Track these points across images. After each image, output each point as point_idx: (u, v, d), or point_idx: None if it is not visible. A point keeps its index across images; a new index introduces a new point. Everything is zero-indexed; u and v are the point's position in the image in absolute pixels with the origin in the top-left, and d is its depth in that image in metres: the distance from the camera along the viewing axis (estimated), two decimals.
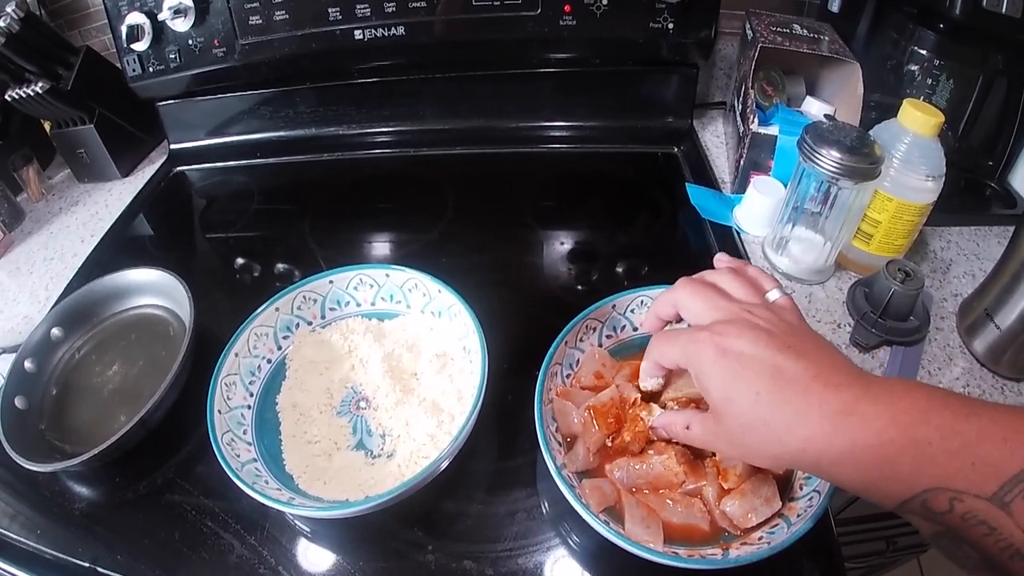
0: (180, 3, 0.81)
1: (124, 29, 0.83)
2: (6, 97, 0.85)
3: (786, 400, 0.37)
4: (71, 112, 0.89)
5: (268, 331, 0.65)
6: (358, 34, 0.81)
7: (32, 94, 0.83)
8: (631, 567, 0.48)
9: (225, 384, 0.60)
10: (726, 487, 0.50)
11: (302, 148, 0.95)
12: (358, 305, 0.68)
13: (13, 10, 0.82)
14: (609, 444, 0.54)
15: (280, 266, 0.79)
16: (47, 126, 0.99)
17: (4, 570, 0.62)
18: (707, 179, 0.81)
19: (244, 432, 0.59)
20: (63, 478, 0.63)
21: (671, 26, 0.77)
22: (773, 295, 0.45)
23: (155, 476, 0.61)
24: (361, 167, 0.93)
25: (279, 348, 0.65)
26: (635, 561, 0.46)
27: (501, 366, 0.61)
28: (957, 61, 0.74)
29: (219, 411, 0.58)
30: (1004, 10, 0.64)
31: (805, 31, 0.78)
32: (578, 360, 0.60)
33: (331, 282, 0.67)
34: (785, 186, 0.74)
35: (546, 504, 0.55)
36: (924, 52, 0.75)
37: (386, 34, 0.81)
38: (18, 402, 0.66)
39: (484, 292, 0.63)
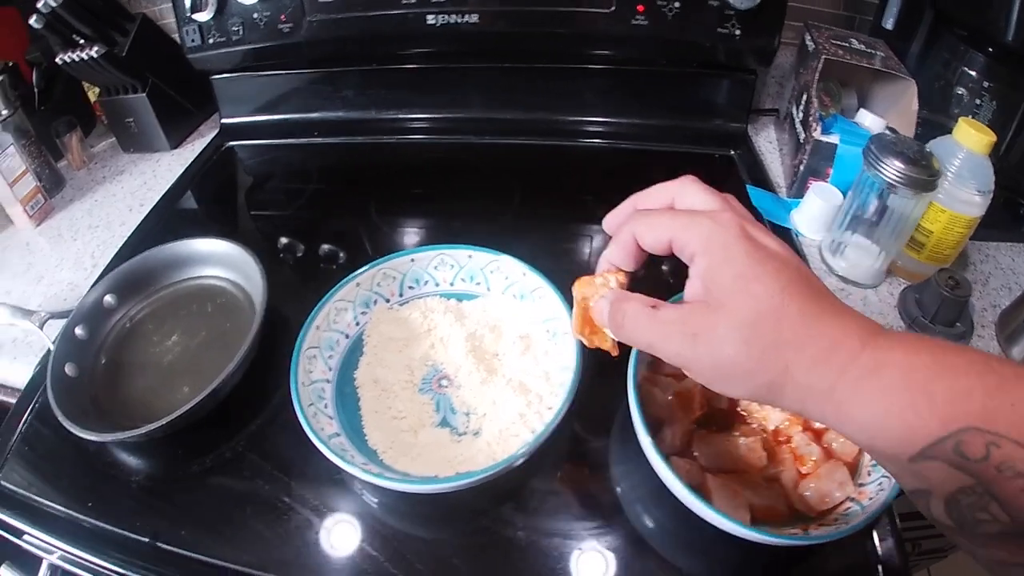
0: None
1: None
2: (58, 60, 0.77)
3: (815, 300, 0.30)
4: (124, 79, 0.82)
5: (347, 306, 0.60)
6: (431, 19, 0.76)
7: (87, 58, 0.76)
8: (713, 547, 0.47)
9: (307, 357, 0.55)
10: (803, 471, 0.49)
11: (359, 130, 0.89)
12: (437, 285, 0.63)
13: None
14: (693, 428, 0.51)
15: (326, 247, 0.74)
16: (91, 94, 0.92)
17: (54, 545, 0.55)
18: (763, 182, 0.79)
19: (325, 406, 0.54)
20: (115, 450, 0.57)
21: (738, 32, 0.75)
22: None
23: (222, 449, 0.56)
24: (421, 152, 0.88)
25: (356, 324, 0.60)
26: (718, 541, 0.44)
27: None
28: (1003, 84, 0.73)
29: (302, 383, 0.52)
30: None
31: (862, 46, 0.77)
32: None
33: (412, 260, 0.62)
34: (843, 193, 0.72)
35: (625, 486, 0.52)
36: (973, 73, 0.74)
37: (459, 21, 0.76)
38: (68, 369, 0.60)
39: (557, 279, 0.58)
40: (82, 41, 0.78)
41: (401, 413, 0.55)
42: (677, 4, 0.74)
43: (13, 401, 0.70)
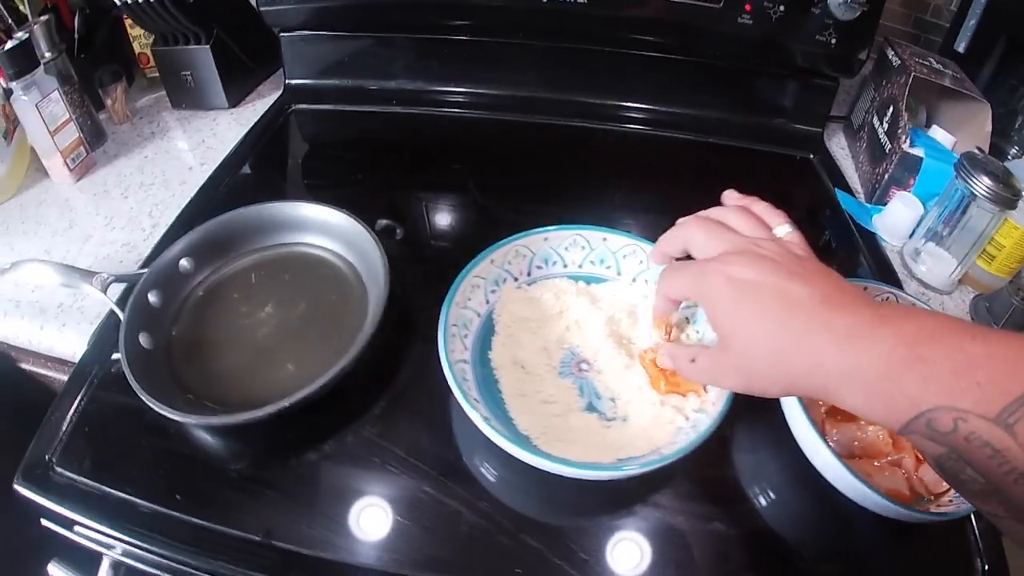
0: None
1: None
2: (118, 1, 0.68)
3: (793, 321, 0.36)
4: (188, 28, 0.74)
5: (480, 283, 0.55)
6: None
7: (153, 1, 0.68)
8: (853, 522, 0.48)
9: (452, 335, 0.50)
10: (922, 458, 0.50)
11: (436, 102, 0.84)
12: (565, 266, 0.59)
13: None
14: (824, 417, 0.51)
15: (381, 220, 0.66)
16: (136, 45, 0.82)
17: (138, 545, 0.47)
18: (844, 187, 0.80)
19: (469, 388, 0.49)
20: (206, 434, 0.50)
21: (833, 41, 0.75)
22: (782, 230, 0.43)
23: (343, 434, 0.50)
24: (520, 132, 0.84)
25: (487, 302, 0.56)
26: (857, 516, 0.46)
27: None
28: None
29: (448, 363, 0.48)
30: None
31: (939, 66, 0.79)
32: None
33: (546, 239, 0.58)
34: (924, 203, 0.74)
35: (774, 468, 0.51)
36: None
37: (571, 0, 0.73)
38: (143, 340, 0.53)
39: None
40: None
41: (552, 397, 0.50)
42: (782, 7, 0.73)
43: (61, 377, 0.62)
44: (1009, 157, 0.82)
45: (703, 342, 0.53)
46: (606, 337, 0.54)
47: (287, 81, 0.84)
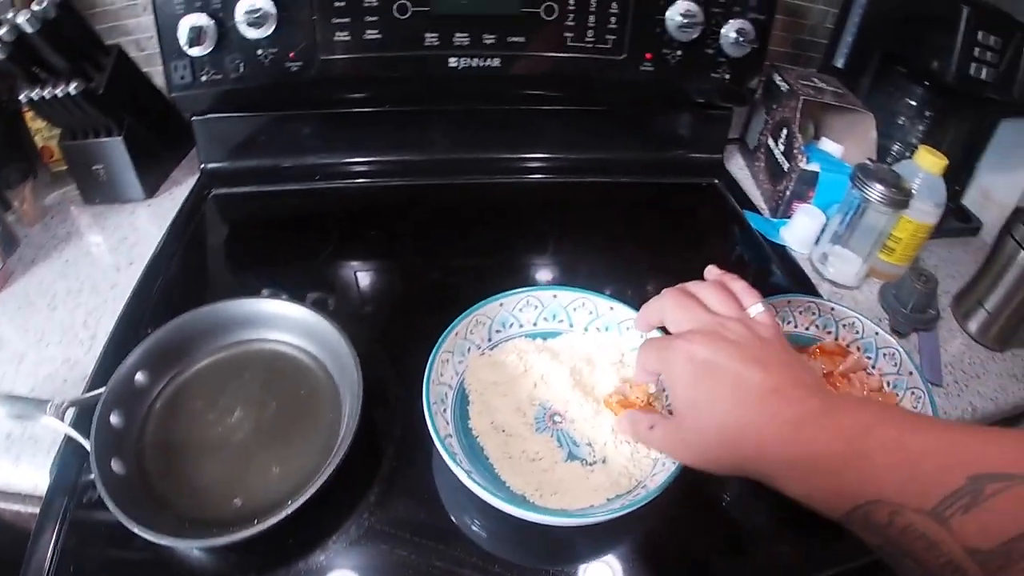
0: (260, 9, 0.68)
1: (183, 31, 0.68)
2: (22, 98, 0.65)
3: (743, 407, 0.38)
4: (99, 120, 0.70)
5: (449, 357, 0.57)
6: (453, 62, 0.75)
7: (62, 95, 0.65)
8: None
9: (434, 412, 0.52)
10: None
11: (366, 173, 0.85)
12: (521, 326, 0.62)
13: None
14: None
15: (313, 293, 0.70)
16: (37, 138, 0.77)
17: None
18: (749, 206, 0.88)
19: (460, 461, 0.51)
20: (203, 553, 0.49)
21: (727, 76, 0.82)
22: (754, 310, 0.46)
23: (346, 527, 0.50)
24: (441, 195, 0.86)
25: (456, 374, 0.58)
26: None
27: None
28: (938, 110, 0.88)
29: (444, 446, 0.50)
30: (983, 76, 0.79)
31: (823, 84, 0.88)
32: None
33: (501, 305, 0.61)
34: (824, 211, 0.83)
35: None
36: (914, 103, 0.89)
37: (481, 64, 0.75)
38: (115, 467, 0.51)
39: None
40: (44, 76, 0.66)
41: (537, 454, 0.53)
42: (680, 52, 0.80)
43: (25, 509, 0.58)
44: (893, 153, 0.93)
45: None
46: (572, 388, 0.57)
47: (203, 165, 0.82)
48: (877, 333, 0.65)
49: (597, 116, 0.88)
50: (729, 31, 0.79)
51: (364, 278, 0.73)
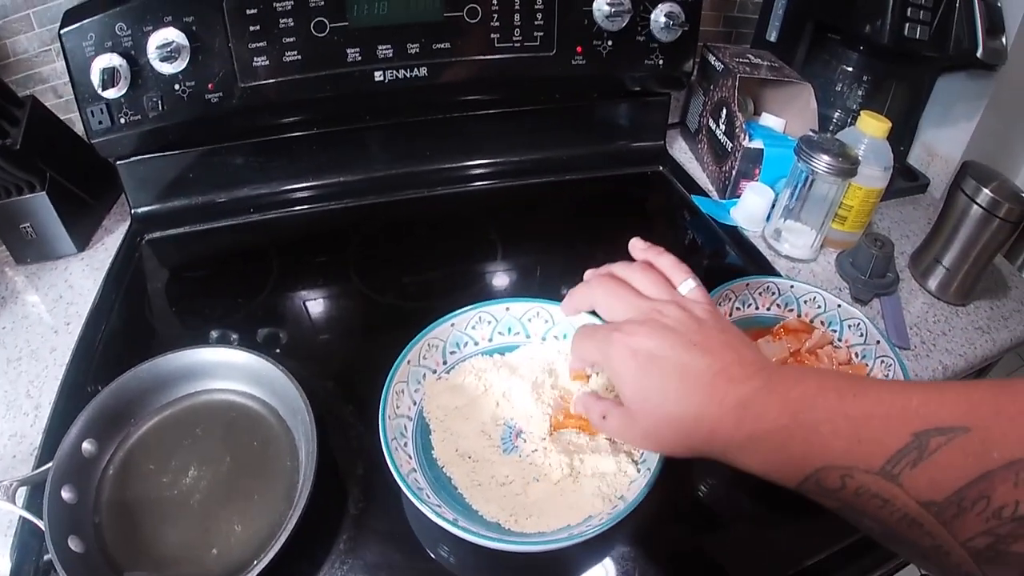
0: (172, 42, 0.65)
1: (96, 74, 0.65)
2: None
3: (691, 395, 0.39)
4: (19, 177, 0.67)
5: (403, 387, 0.56)
6: (378, 75, 0.73)
7: None
8: None
9: (394, 448, 0.51)
10: None
11: (304, 200, 0.82)
12: (476, 344, 0.61)
13: None
14: None
15: (267, 330, 0.68)
16: None
17: None
18: (696, 189, 0.87)
19: (427, 496, 0.50)
20: None
21: (661, 62, 0.81)
22: (686, 286, 0.46)
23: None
24: (383, 213, 0.83)
25: (414, 403, 0.56)
26: None
27: None
28: (876, 74, 0.88)
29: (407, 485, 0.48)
30: (918, 36, 0.79)
31: (758, 59, 0.88)
32: None
33: (452, 325, 0.59)
34: (772, 187, 0.82)
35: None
36: (850, 69, 0.89)
37: (408, 75, 0.73)
38: (74, 545, 0.48)
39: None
40: None
41: (507, 477, 0.52)
42: (610, 42, 0.79)
43: None
44: (835, 121, 0.93)
45: None
46: (536, 402, 0.56)
47: (133, 210, 0.79)
48: (839, 305, 0.65)
49: (534, 115, 0.87)
50: (658, 16, 0.78)
51: (312, 308, 0.71)
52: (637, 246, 0.50)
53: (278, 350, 0.65)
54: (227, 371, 0.58)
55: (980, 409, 0.30)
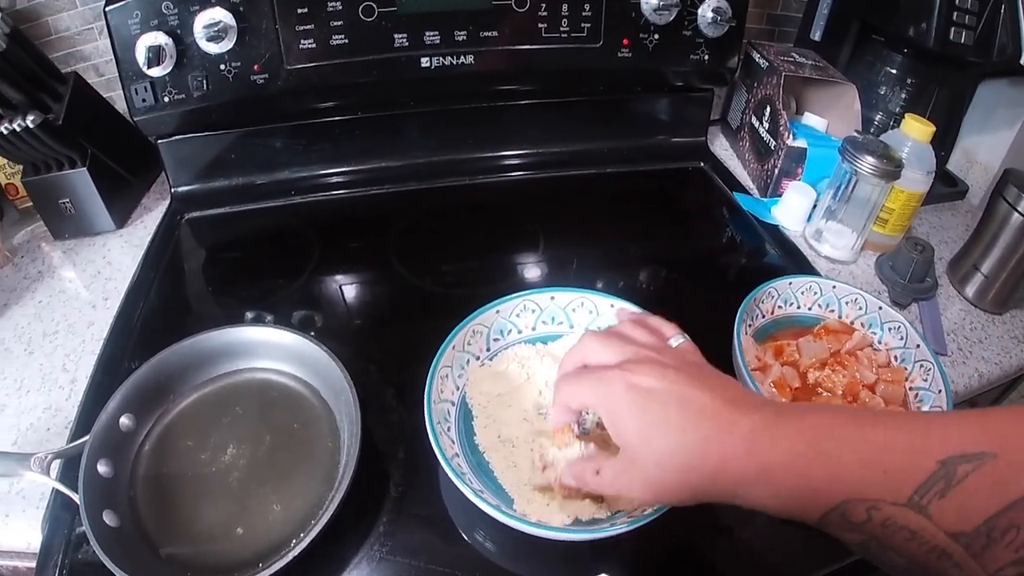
0: (219, 22, 0.65)
1: (141, 52, 0.64)
2: None
3: (698, 427, 0.36)
4: (60, 152, 0.66)
5: (448, 372, 0.55)
6: (424, 62, 0.72)
7: (20, 129, 0.61)
8: None
9: (438, 432, 0.49)
10: None
11: (343, 184, 0.81)
12: (519, 332, 0.60)
13: None
14: None
15: (298, 312, 0.67)
16: (1, 176, 0.73)
17: None
18: (737, 187, 0.86)
19: (471, 482, 0.48)
20: None
21: (707, 57, 0.80)
22: (675, 340, 0.45)
23: (357, 562, 0.47)
24: (423, 200, 0.82)
25: (457, 388, 0.55)
26: None
27: None
28: (919, 77, 0.87)
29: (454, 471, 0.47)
30: (963, 40, 0.77)
31: (802, 58, 0.86)
32: None
33: (497, 312, 0.58)
34: (814, 187, 0.81)
35: None
36: (894, 71, 0.87)
37: (454, 63, 0.73)
38: (108, 519, 0.47)
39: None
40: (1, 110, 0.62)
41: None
42: (656, 36, 0.77)
43: (23, 565, 0.55)
44: (876, 123, 0.91)
45: None
46: None
47: (173, 189, 0.79)
48: (881, 308, 0.64)
49: (577, 107, 0.86)
50: (705, 11, 0.77)
51: (350, 292, 0.70)
52: (624, 312, 0.51)
53: (313, 332, 0.64)
54: (269, 350, 0.58)
55: (1003, 433, 0.29)
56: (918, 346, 0.60)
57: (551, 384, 0.57)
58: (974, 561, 0.28)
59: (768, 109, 0.84)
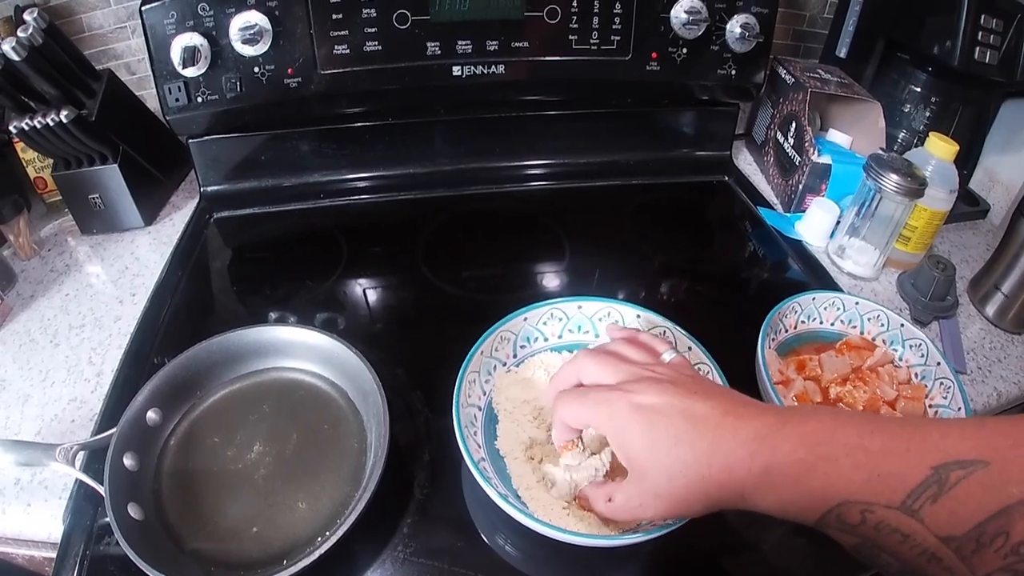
0: (255, 25, 0.66)
1: (176, 52, 0.65)
2: (11, 128, 0.62)
3: (703, 436, 0.37)
4: (92, 148, 0.67)
5: (475, 377, 0.55)
6: (456, 70, 0.73)
7: (53, 124, 0.62)
8: None
9: (465, 436, 0.50)
10: None
11: (371, 189, 0.82)
12: (545, 340, 0.60)
13: (35, 19, 0.61)
14: None
15: (322, 315, 0.67)
16: (29, 169, 0.74)
17: None
18: (761, 201, 0.86)
19: (497, 486, 0.48)
20: None
21: (734, 72, 0.81)
22: (667, 356, 0.46)
23: (382, 558, 0.48)
24: (450, 207, 0.83)
25: (484, 393, 0.55)
26: None
27: None
28: (943, 96, 0.87)
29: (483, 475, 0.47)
30: (987, 60, 0.78)
31: (827, 75, 0.87)
32: None
33: (525, 319, 0.58)
34: (838, 203, 0.81)
35: None
36: (918, 90, 0.87)
37: (485, 72, 0.73)
38: (133, 512, 0.48)
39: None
40: (33, 105, 0.63)
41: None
42: (685, 50, 0.78)
43: (42, 554, 0.55)
44: (899, 141, 0.91)
45: None
46: None
47: (202, 189, 0.79)
48: (903, 325, 0.64)
49: (604, 118, 0.86)
50: (734, 26, 0.77)
51: (376, 296, 0.71)
52: (614, 330, 0.51)
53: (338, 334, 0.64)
54: (297, 350, 0.58)
55: (997, 442, 0.30)
56: (938, 364, 0.60)
57: None
58: (964, 565, 0.29)
59: (793, 125, 0.84)
